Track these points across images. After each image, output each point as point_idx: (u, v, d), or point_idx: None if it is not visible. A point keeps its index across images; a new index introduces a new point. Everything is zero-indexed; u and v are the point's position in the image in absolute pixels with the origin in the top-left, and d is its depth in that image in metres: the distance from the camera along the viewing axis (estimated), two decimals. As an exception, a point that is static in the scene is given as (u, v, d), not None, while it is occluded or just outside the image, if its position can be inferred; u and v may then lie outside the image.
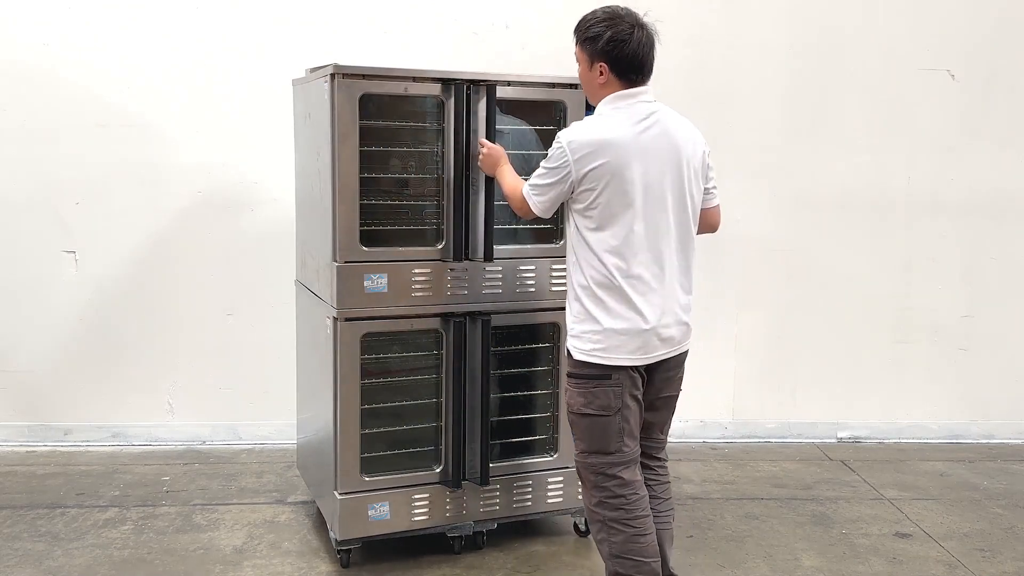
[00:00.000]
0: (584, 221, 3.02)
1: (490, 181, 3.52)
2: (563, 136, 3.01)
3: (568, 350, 3.10)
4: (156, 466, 4.74)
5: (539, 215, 3.15)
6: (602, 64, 3.01)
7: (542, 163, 3.07)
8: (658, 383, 3.14)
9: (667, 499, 3.30)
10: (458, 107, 3.46)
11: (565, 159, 2.97)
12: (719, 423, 5.37)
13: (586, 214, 3.01)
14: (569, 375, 3.10)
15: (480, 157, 3.47)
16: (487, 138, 3.50)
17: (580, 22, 3.09)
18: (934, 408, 5.50)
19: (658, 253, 3.01)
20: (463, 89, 3.46)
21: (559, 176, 3.00)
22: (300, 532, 3.98)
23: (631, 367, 3.02)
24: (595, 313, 3.00)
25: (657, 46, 3.07)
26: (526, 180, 3.18)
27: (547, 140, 3.72)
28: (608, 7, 3.07)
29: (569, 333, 3.09)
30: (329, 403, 3.53)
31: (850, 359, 5.42)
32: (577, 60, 3.12)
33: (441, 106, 3.49)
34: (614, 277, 2.98)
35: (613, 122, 3.00)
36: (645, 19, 3.04)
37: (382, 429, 3.63)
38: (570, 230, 3.11)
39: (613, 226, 2.97)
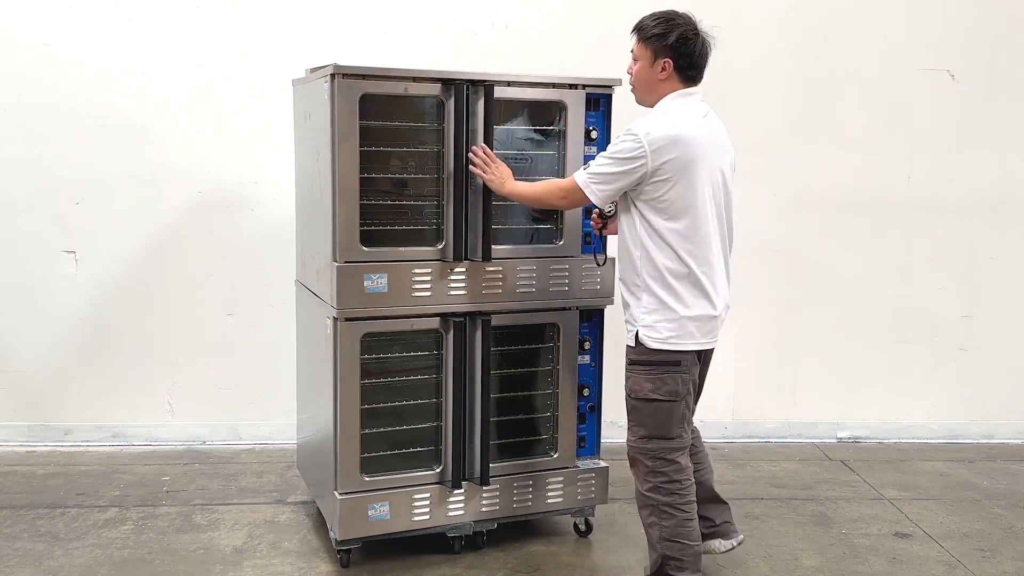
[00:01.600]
0: (655, 213, 3.15)
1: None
2: (638, 129, 3.11)
3: (637, 340, 3.20)
4: (156, 466, 4.74)
5: (598, 205, 3.29)
6: (667, 60, 3.18)
7: (607, 154, 3.16)
8: (700, 365, 3.33)
9: (705, 452, 3.64)
10: (458, 107, 3.46)
11: (641, 150, 3.08)
12: (719, 423, 5.37)
13: (658, 205, 3.14)
14: (635, 362, 3.23)
15: (488, 178, 3.44)
16: (486, 141, 3.49)
17: (643, 22, 3.24)
18: (934, 408, 5.51)
19: (716, 242, 3.23)
20: (463, 89, 3.46)
21: (631, 167, 3.10)
22: (300, 532, 3.98)
23: (697, 352, 3.22)
24: (669, 302, 3.16)
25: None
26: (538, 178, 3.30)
27: (551, 139, 3.74)
28: (667, 10, 3.25)
29: (639, 324, 3.20)
30: (329, 403, 3.53)
31: (850, 359, 5.42)
32: (635, 57, 3.26)
33: (441, 106, 3.49)
34: (689, 265, 3.16)
35: (683, 117, 3.17)
36: (701, 26, 3.24)
37: (382, 429, 3.63)
38: (633, 223, 3.21)
39: (684, 217, 3.14)
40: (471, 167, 3.48)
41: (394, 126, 3.60)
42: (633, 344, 3.23)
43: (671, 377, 3.19)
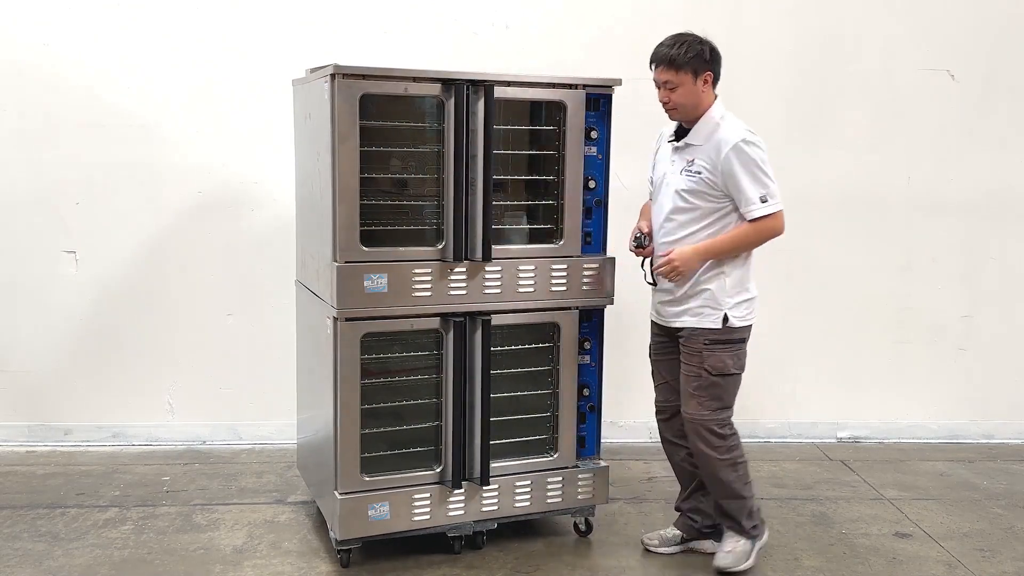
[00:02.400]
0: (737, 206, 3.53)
1: (488, 180, 3.50)
2: (750, 136, 3.49)
3: (725, 322, 3.54)
4: (156, 466, 4.74)
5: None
6: (708, 73, 3.51)
7: (760, 168, 3.45)
8: None
9: None
10: (458, 107, 3.46)
11: (766, 152, 3.50)
12: (719, 423, 5.36)
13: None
14: (717, 342, 3.56)
15: (678, 269, 3.51)
16: (484, 140, 3.48)
17: (669, 52, 3.47)
18: (934, 408, 5.50)
19: None
20: (463, 89, 3.45)
21: (771, 168, 3.50)
22: (300, 532, 3.98)
23: None
24: (747, 285, 3.61)
25: None
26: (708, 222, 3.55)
27: (549, 139, 3.74)
28: (674, 34, 3.55)
29: (725, 307, 3.54)
30: (329, 403, 3.53)
31: (850, 359, 5.42)
32: (672, 86, 3.49)
33: (441, 106, 3.49)
34: (751, 253, 3.61)
35: None
36: None
37: (382, 429, 3.63)
38: (722, 217, 3.53)
39: None
40: (668, 278, 3.58)
41: (394, 126, 3.60)
42: (719, 326, 3.54)
43: (742, 352, 3.64)
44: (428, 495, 3.63)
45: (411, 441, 3.69)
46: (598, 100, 3.71)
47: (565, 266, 3.71)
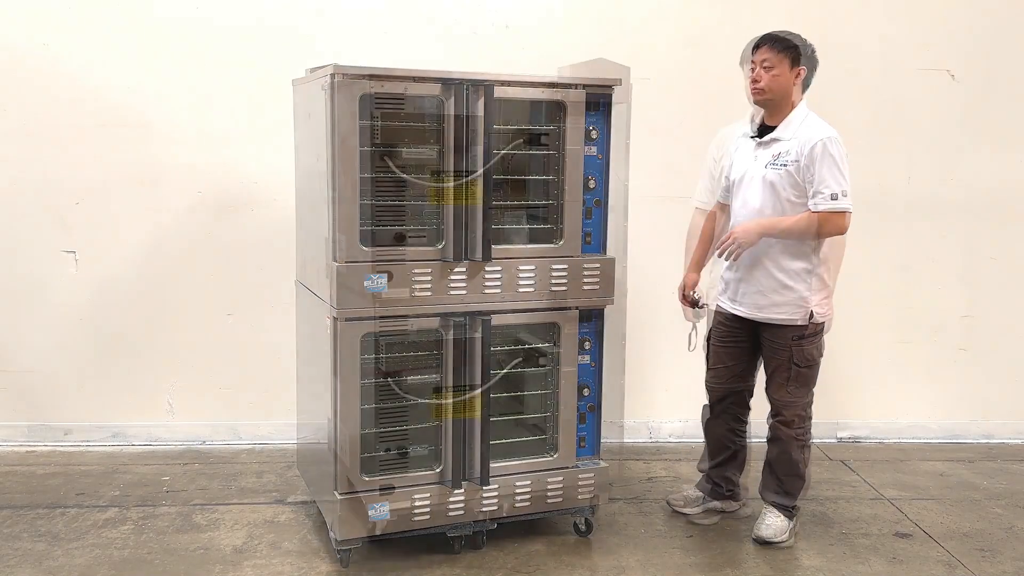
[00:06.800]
0: None
1: (487, 181, 3.51)
2: (834, 133, 3.70)
3: (811, 317, 3.77)
4: (156, 466, 4.74)
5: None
6: (802, 68, 3.77)
7: (839, 167, 3.67)
8: None
9: None
10: (458, 107, 3.46)
11: (846, 156, 3.70)
12: (719, 423, 5.36)
13: None
14: (804, 336, 3.80)
15: (738, 244, 3.71)
16: (484, 138, 3.49)
17: (776, 35, 3.77)
18: (934, 408, 5.51)
19: None
20: (463, 89, 3.46)
21: (848, 171, 3.71)
22: (300, 532, 3.98)
23: None
24: (827, 280, 3.83)
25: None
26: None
27: (551, 140, 3.74)
28: (786, 30, 3.83)
29: (811, 304, 3.77)
30: (329, 403, 3.53)
31: (850, 359, 5.41)
32: (768, 66, 3.74)
33: (441, 106, 3.49)
34: (828, 248, 3.83)
35: None
36: None
37: (382, 429, 3.63)
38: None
39: None
40: (729, 256, 3.78)
41: (394, 126, 3.60)
42: (805, 322, 3.77)
43: (822, 341, 3.87)
44: (428, 495, 3.63)
45: (411, 441, 3.69)
46: (598, 100, 3.71)
47: (565, 266, 3.72)
